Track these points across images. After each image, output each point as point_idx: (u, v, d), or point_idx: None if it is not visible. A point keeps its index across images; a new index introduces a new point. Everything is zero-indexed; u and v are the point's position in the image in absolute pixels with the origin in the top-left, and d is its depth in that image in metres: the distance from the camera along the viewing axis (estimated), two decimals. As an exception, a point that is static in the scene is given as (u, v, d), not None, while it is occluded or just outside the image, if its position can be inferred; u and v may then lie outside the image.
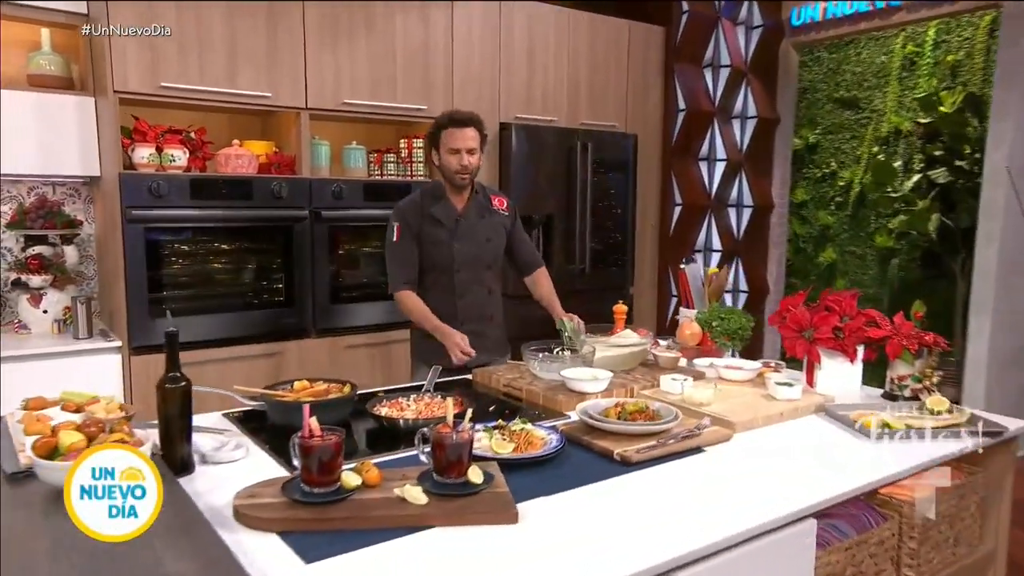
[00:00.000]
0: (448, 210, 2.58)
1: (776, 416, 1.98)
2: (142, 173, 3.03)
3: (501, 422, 1.77)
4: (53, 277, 3.17)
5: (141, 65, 2.99)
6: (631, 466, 1.63)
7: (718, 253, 4.92)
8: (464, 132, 2.49)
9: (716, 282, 2.78)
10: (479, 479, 1.42)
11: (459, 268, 2.57)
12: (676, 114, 4.69)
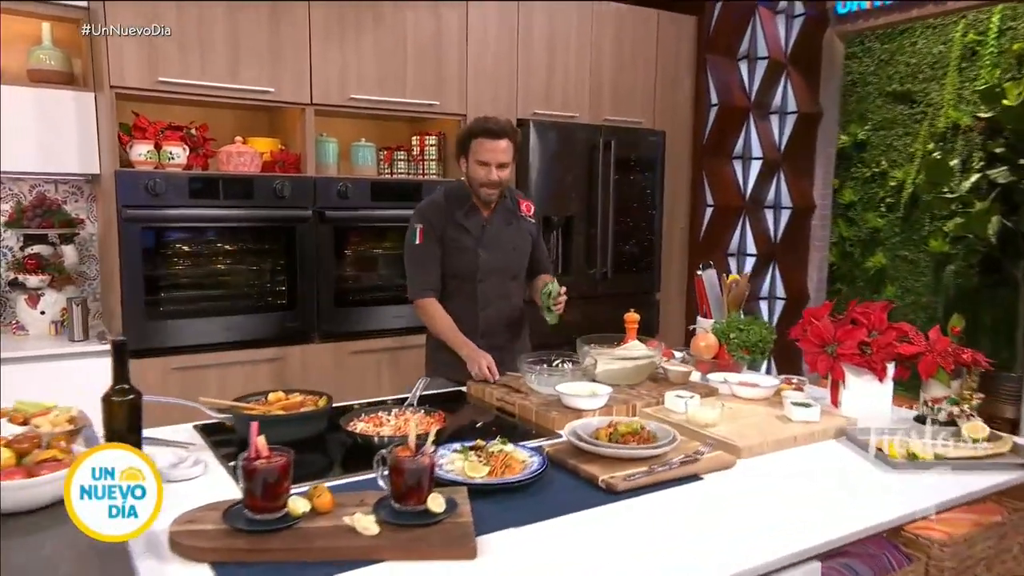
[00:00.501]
0: (475, 215, 2.50)
1: (789, 440, 1.85)
2: (139, 171, 3.02)
3: (480, 442, 1.67)
4: (51, 277, 3.18)
5: (139, 60, 2.98)
6: (617, 495, 1.52)
7: (752, 257, 4.75)
8: (496, 144, 2.38)
9: (736, 290, 2.64)
10: (440, 508, 1.33)
11: (483, 278, 2.50)
12: (708, 109, 4.54)
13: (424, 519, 1.31)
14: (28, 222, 3.16)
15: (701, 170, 4.58)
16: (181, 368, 3.13)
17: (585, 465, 1.62)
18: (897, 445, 1.73)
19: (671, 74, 4.45)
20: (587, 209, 4.07)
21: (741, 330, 2.44)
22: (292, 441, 1.76)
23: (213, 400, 1.80)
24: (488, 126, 2.39)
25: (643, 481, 1.56)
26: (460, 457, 1.59)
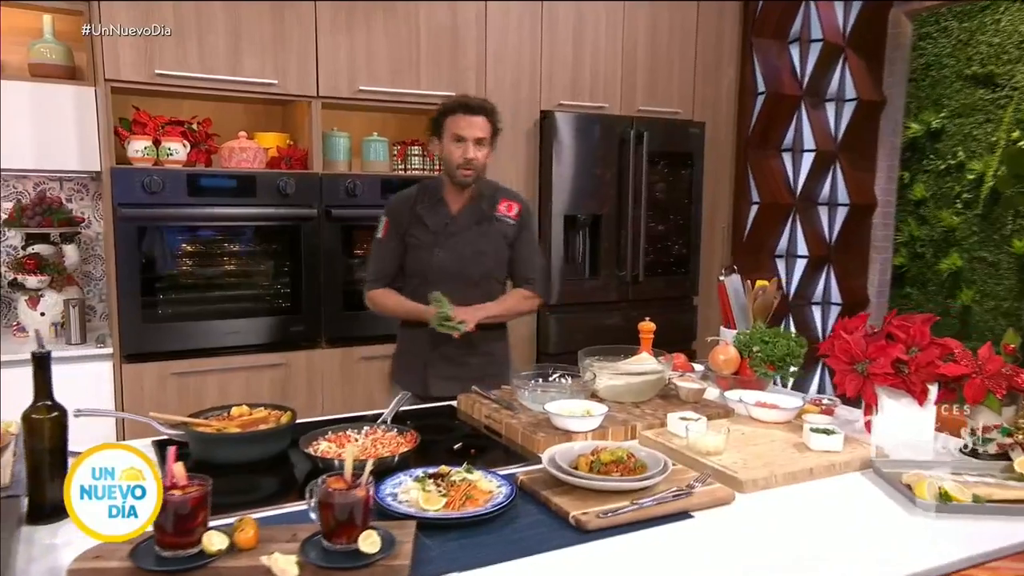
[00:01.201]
0: (439, 211, 2.43)
1: (803, 473, 1.68)
2: (135, 168, 3.01)
3: (444, 469, 1.56)
4: (51, 278, 3.20)
5: (135, 52, 2.97)
6: (589, 534, 1.39)
7: (803, 259, 4.52)
8: (473, 120, 2.33)
9: (763, 297, 2.46)
10: (373, 548, 1.22)
11: (435, 280, 2.38)
12: (754, 98, 4.33)
13: (353, 561, 1.20)
14: (28, 221, 3.19)
15: (746, 164, 4.37)
16: (180, 374, 3.11)
17: (558, 498, 1.49)
18: (928, 483, 1.54)
19: (713, 60, 4.25)
20: (617, 207, 3.91)
21: (766, 342, 2.26)
22: (250, 462, 1.72)
23: (164, 415, 1.73)
24: (465, 101, 2.36)
25: (620, 519, 1.42)
26: (417, 487, 1.48)
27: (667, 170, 4.03)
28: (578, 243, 3.85)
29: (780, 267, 4.55)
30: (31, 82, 3.14)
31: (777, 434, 1.91)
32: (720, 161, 4.33)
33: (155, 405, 3.07)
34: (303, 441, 1.70)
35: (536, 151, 3.78)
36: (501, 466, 1.73)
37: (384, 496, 1.46)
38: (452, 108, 2.36)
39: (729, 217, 4.43)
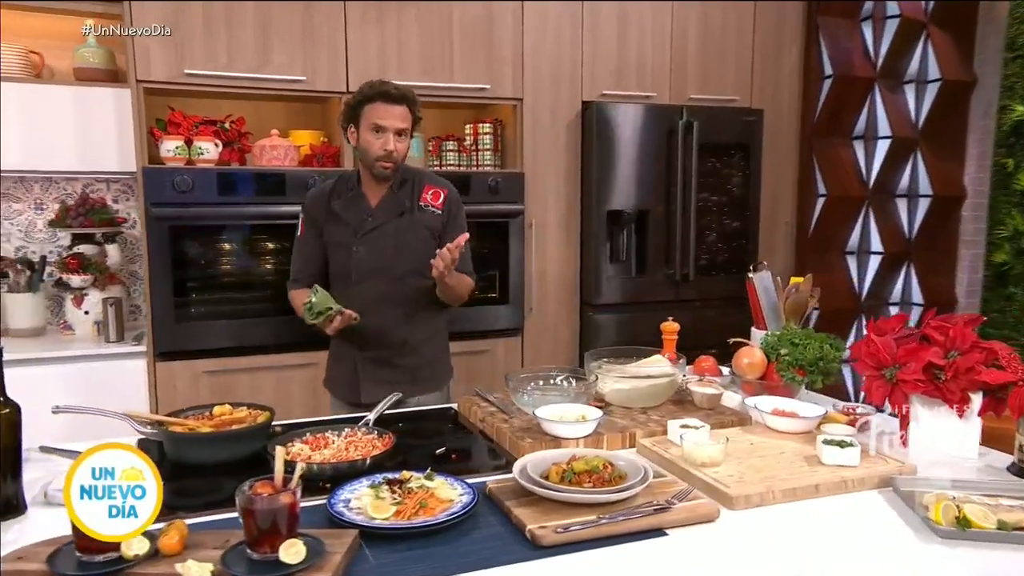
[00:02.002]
0: (356, 204, 2.33)
1: (807, 490, 1.53)
2: (166, 168, 3.08)
3: (406, 474, 1.50)
4: (93, 277, 3.32)
5: (164, 52, 3.04)
6: (545, 549, 1.30)
7: (878, 256, 4.24)
8: (394, 109, 2.22)
9: (796, 296, 2.29)
10: (295, 558, 1.17)
11: (359, 279, 2.30)
12: (820, 82, 4.09)
13: (271, 571, 1.16)
14: (71, 221, 3.33)
15: (811, 154, 4.13)
16: (211, 372, 3.18)
17: (521, 509, 1.41)
18: (944, 506, 1.38)
19: (773, 43, 4.04)
20: (665, 202, 3.76)
21: (795, 344, 2.10)
22: (222, 463, 1.70)
23: (140, 414, 1.74)
24: (385, 89, 2.22)
25: (578, 535, 1.33)
26: (371, 493, 1.43)
27: (720, 161, 3.85)
28: (623, 240, 3.72)
29: (851, 265, 4.28)
30: (75, 86, 3.27)
31: (790, 446, 1.76)
32: (781, 151, 4.11)
33: (187, 403, 3.14)
34: (277, 441, 1.67)
35: (577, 144, 3.68)
36: (479, 473, 1.66)
37: (337, 502, 1.42)
38: (370, 96, 2.22)
39: (792, 211, 4.19)
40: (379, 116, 2.20)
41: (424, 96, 3.39)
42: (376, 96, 2.21)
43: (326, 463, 1.61)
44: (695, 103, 3.85)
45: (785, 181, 4.15)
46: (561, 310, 3.76)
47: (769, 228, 4.10)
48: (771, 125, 4.00)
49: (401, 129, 2.23)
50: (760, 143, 3.93)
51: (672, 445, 1.74)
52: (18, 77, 3.24)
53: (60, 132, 3.21)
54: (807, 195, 4.15)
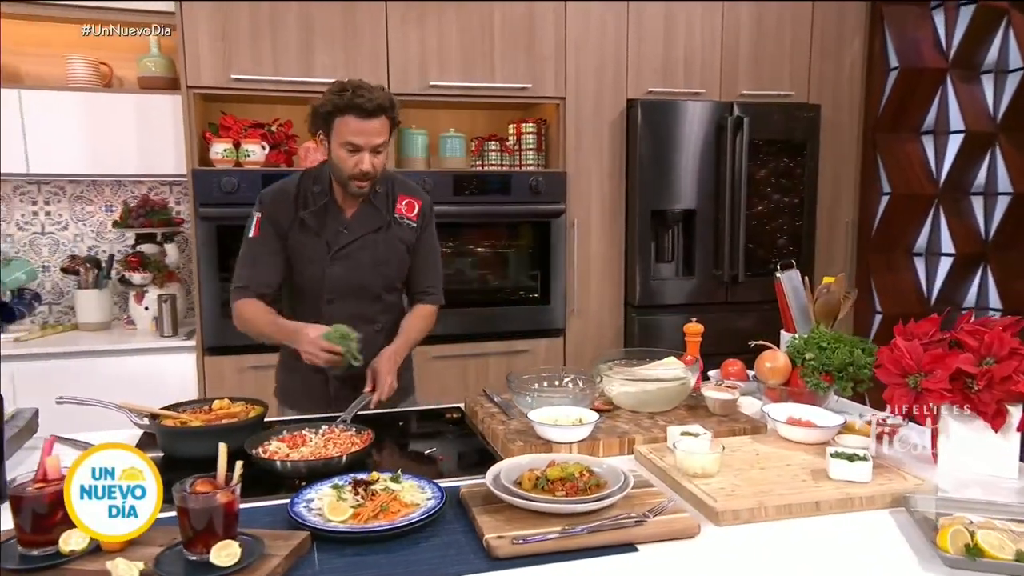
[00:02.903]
0: (328, 216, 2.03)
1: (804, 507, 1.36)
2: (213, 169, 3.12)
3: (375, 475, 1.42)
4: (152, 275, 3.40)
5: (213, 58, 3.08)
6: (500, 561, 1.19)
7: (949, 258, 3.90)
8: (367, 124, 1.88)
9: (827, 296, 2.09)
10: (227, 560, 1.10)
11: (332, 298, 2.05)
12: (885, 75, 3.80)
13: (198, 573, 1.09)
14: (132, 221, 3.41)
15: (874, 150, 3.84)
16: (256, 367, 3.18)
17: (485, 517, 1.30)
18: (954, 531, 1.19)
19: (833, 35, 3.77)
20: (713, 200, 3.56)
21: (822, 348, 1.91)
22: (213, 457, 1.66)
23: (136, 406, 1.72)
24: (357, 101, 1.86)
25: (534, 547, 1.21)
26: (333, 494, 1.35)
27: (773, 159, 3.62)
28: (667, 240, 3.55)
29: (919, 266, 3.96)
30: (138, 94, 3.36)
31: (800, 457, 1.58)
32: (841, 147, 3.83)
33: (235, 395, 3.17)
34: (256, 440, 1.61)
35: (622, 142, 3.53)
36: (461, 476, 1.56)
37: (300, 501, 1.35)
38: (342, 108, 1.87)
39: (854, 210, 3.90)
40: (352, 133, 1.88)
41: (465, 96, 3.36)
42: (348, 108, 1.87)
43: (302, 460, 1.54)
44: (746, 99, 3.63)
45: (846, 179, 3.87)
46: (604, 311, 3.61)
47: (828, 228, 3.83)
48: (829, 121, 3.74)
49: (378, 145, 1.92)
50: (817, 139, 3.68)
51: (669, 453, 1.59)
52: (88, 87, 3.36)
53: (124, 137, 3.31)
54: (870, 193, 3.86)
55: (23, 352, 3.14)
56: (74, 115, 3.26)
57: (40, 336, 3.33)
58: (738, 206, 3.53)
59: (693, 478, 1.45)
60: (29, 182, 3.56)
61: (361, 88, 1.88)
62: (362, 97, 1.86)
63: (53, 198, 3.62)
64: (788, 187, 3.66)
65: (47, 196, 3.62)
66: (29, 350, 3.16)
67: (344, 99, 1.86)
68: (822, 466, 1.51)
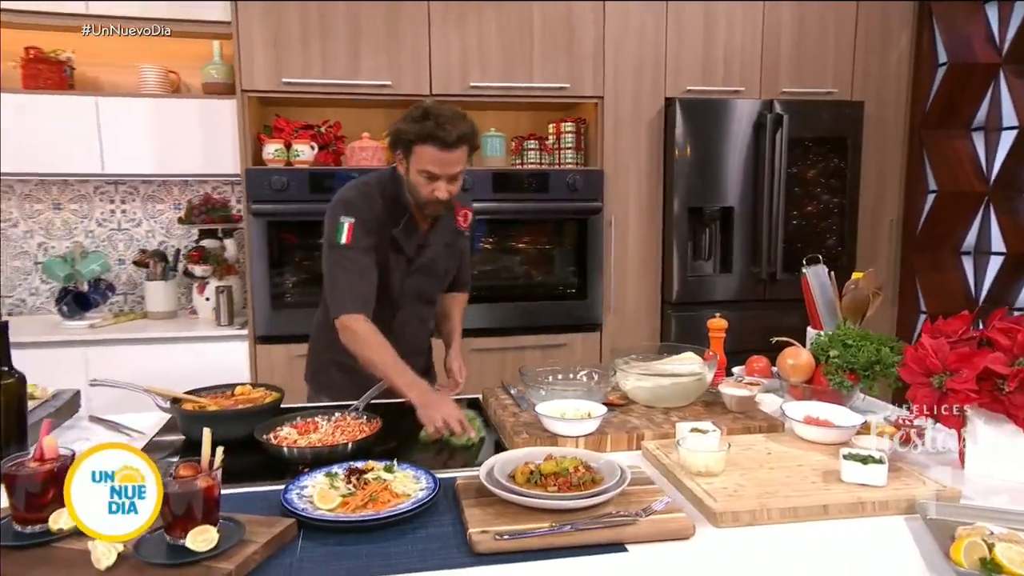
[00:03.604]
0: (413, 233, 1.96)
1: (811, 510, 1.22)
2: (264, 168, 3.11)
3: (371, 463, 1.34)
4: (212, 268, 3.42)
5: (266, 63, 3.07)
6: (482, 557, 1.10)
7: (999, 257, 3.60)
8: (449, 157, 1.77)
9: (855, 292, 1.92)
10: (204, 545, 1.04)
11: (402, 305, 2.02)
12: (934, 70, 3.53)
13: (174, 557, 1.03)
14: (195, 218, 3.45)
15: (920, 147, 3.58)
16: (302, 356, 3.16)
17: (472, 509, 1.21)
18: (969, 543, 1.04)
19: (878, 31, 3.53)
20: (751, 198, 3.38)
21: (847, 346, 1.75)
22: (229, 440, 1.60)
23: (161, 389, 1.69)
24: (439, 133, 1.74)
25: (521, 543, 1.11)
26: (325, 482, 1.28)
27: (814, 156, 3.41)
28: (705, 237, 3.38)
29: (967, 265, 3.67)
30: (201, 99, 3.39)
31: (814, 458, 1.44)
32: (886, 144, 3.58)
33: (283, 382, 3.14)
34: (261, 428, 1.55)
35: (660, 141, 3.38)
36: (464, 467, 1.47)
37: (293, 488, 1.28)
38: (423, 137, 1.76)
39: (898, 208, 3.65)
40: (430, 162, 1.77)
41: (504, 96, 3.27)
42: (428, 138, 1.75)
43: (308, 447, 1.47)
44: (787, 97, 3.43)
45: (890, 176, 3.62)
46: (641, 307, 3.47)
47: (871, 225, 3.59)
48: (873, 118, 3.50)
49: (455, 175, 1.82)
50: (860, 137, 3.45)
51: (676, 450, 1.47)
52: (157, 93, 3.41)
53: (189, 140, 3.34)
54: (916, 191, 3.60)
55: (97, 337, 3.21)
56: (145, 120, 3.31)
57: (113, 323, 3.40)
58: (777, 203, 3.34)
59: (696, 476, 1.33)
60: (108, 182, 3.64)
61: (442, 117, 1.75)
62: (444, 129, 1.74)
63: (128, 197, 3.69)
64: (830, 184, 3.44)
65: (123, 195, 3.69)
66: (102, 335, 3.21)
67: (426, 129, 1.75)
68: (836, 468, 1.36)
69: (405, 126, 1.79)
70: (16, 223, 3.62)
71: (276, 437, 1.53)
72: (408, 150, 1.81)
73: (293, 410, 1.71)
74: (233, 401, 1.69)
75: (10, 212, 3.60)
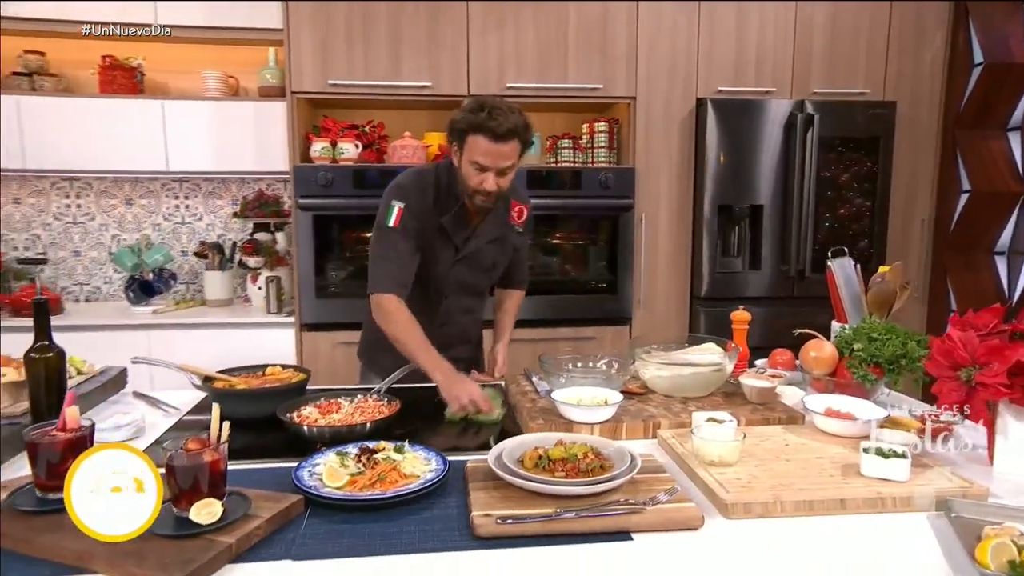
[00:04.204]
0: (462, 223, 1.87)
1: (828, 504, 1.11)
2: (311, 165, 3.08)
3: (382, 444, 1.28)
4: (264, 259, 3.42)
5: (313, 65, 3.04)
6: (483, 541, 1.02)
7: (1034, 257, 3.35)
8: (501, 148, 1.69)
9: (882, 286, 1.77)
10: (208, 519, 0.99)
11: (450, 294, 1.95)
12: (969, 70, 3.31)
13: (177, 529, 0.98)
14: (249, 213, 3.45)
15: (954, 147, 3.35)
16: (345, 343, 3.13)
17: (478, 492, 1.13)
18: (996, 544, 0.91)
19: (912, 31, 3.32)
20: (781, 197, 3.21)
21: (872, 339, 1.61)
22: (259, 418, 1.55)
23: (195, 368, 1.65)
24: (491, 124, 1.66)
25: (523, 528, 1.02)
26: (336, 460, 1.22)
27: (843, 156, 3.23)
28: (735, 234, 3.23)
29: (1000, 266, 3.43)
30: (256, 101, 3.39)
31: (833, 451, 1.31)
32: (918, 144, 3.37)
33: (327, 368, 3.14)
34: (284, 407, 1.50)
35: (691, 140, 3.24)
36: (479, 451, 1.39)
37: (306, 466, 1.22)
38: (475, 127, 1.68)
39: (930, 208, 3.43)
40: (481, 153, 1.69)
41: (539, 97, 3.17)
42: (480, 128, 1.68)
43: (327, 427, 1.41)
44: (818, 97, 3.25)
45: (922, 176, 3.41)
46: (671, 302, 3.34)
47: (901, 225, 3.39)
48: (906, 118, 3.30)
49: (506, 168, 1.74)
50: (892, 137, 3.25)
51: (691, 439, 1.36)
52: (217, 96, 3.42)
53: (244, 139, 3.34)
54: (948, 191, 3.38)
55: (159, 322, 3.23)
56: (206, 121, 3.33)
57: (174, 309, 3.42)
58: (807, 202, 3.16)
59: (709, 466, 1.22)
60: (173, 179, 3.67)
61: (496, 110, 1.68)
62: (495, 120, 1.66)
63: (191, 193, 3.72)
64: (860, 184, 3.25)
65: (186, 191, 3.72)
66: (163, 320, 3.24)
67: (478, 119, 1.68)
68: (856, 462, 1.23)
69: (460, 116, 1.73)
70: (93, 217, 3.68)
71: (299, 416, 1.48)
72: (461, 140, 1.74)
73: (319, 391, 1.66)
74: (261, 381, 1.65)
75: (88, 207, 3.67)
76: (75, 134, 3.27)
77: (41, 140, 3.25)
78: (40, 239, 3.65)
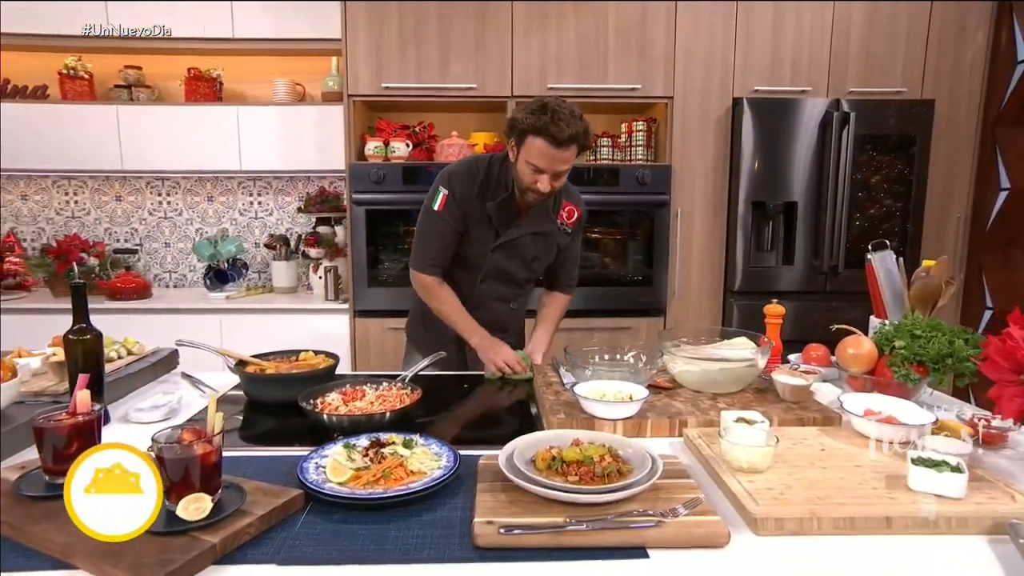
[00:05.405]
0: (507, 210, 1.73)
1: (872, 523, 0.88)
2: (365, 163, 2.95)
3: (392, 437, 1.10)
4: (324, 251, 3.31)
5: (368, 69, 2.90)
6: (482, 551, 0.83)
7: (1078, 255, 2.95)
8: (559, 154, 1.55)
9: (925, 280, 1.50)
10: (195, 515, 0.83)
11: (485, 279, 1.79)
12: (1011, 68, 2.92)
13: (163, 525, 0.83)
14: (311, 208, 3.34)
15: (993, 145, 2.97)
16: (395, 329, 3.00)
17: (485, 495, 0.95)
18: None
19: (952, 29, 2.95)
20: (815, 194, 2.90)
21: (916, 336, 1.35)
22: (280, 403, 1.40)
23: (230, 351, 1.52)
24: (552, 129, 1.51)
25: (526, 540, 0.83)
26: (343, 454, 1.05)
27: (879, 154, 2.89)
28: (768, 230, 2.94)
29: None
30: (319, 105, 3.28)
31: (873, 458, 1.07)
32: (956, 142, 3.00)
33: (377, 353, 3.01)
34: (306, 394, 1.34)
35: (727, 139, 2.96)
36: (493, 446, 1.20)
37: (313, 458, 1.06)
38: (537, 129, 1.53)
39: (967, 205, 3.06)
40: (538, 156, 1.55)
41: (579, 97, 2.95)
42: (541, 132, 1.53)
43: (346, 415, 1.25)
44: (855, 96, 2.92)
45: (960, 174, 3.04)
46: (704, 295, 3.08)
47: (937, 222, 3.03)
48: (944, 116, 2.93)
49: (561, 172, 1.61)
50: (929, 135, 2.90)
51: (719, 440, 1.14)
52: (285, 102, 3.32)
53: (308, 140, 3.24)
54: (986, 188, 3.00)
55: (231, 307, 3.17)
56: (276, 125, 3.24)
57: (244, 295, 3.36)
58: (841, 198, 2.85)
59: (737, 472, 1.01)
60: (248, 178, 3.61)
61: (559, 114, 1.52)
62: (557, 126, 1.51)
63: (263, 190, 3.65)
64: (896, 181, 2.91)
65: (259, 189, 3.65)
66: (235, 305, 3.18)
67: (541, 122, 1.52)
68: (902, 472, 1.00)
69: (522, 116, 1.57)
70: (181, 212, 3.65)
71: (322, 403, 1.32)
72: (521, 139, 1.59)
73: (347, 376, 1.50)
74: (292, 366, 1.50)
75: (177, 203, 3.64)
76: (165, 138, 3.24)
77: (136, 144, 3.24)
78: (137, 232, 3.65)
